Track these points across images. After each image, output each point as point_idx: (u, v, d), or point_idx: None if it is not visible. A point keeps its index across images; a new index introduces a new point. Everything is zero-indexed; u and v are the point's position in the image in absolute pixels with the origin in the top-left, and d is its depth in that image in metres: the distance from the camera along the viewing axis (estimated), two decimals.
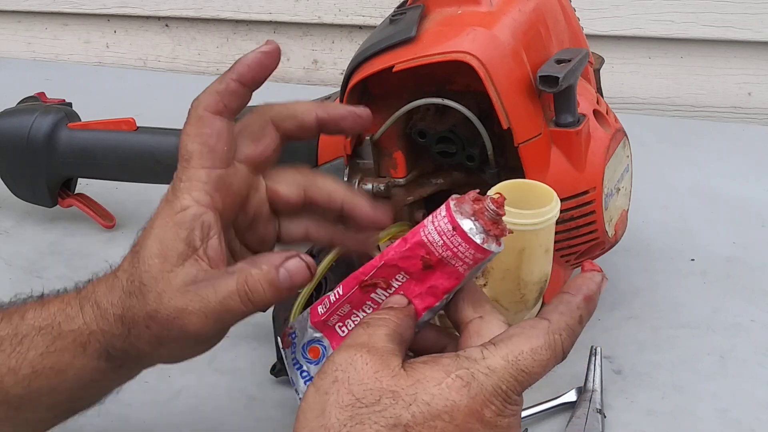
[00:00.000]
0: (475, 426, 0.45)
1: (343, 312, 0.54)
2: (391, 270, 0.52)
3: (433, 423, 0.45)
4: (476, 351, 0.47)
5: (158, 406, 0.73)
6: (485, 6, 0.71)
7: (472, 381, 0.45)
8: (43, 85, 1.16)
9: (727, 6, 1.23)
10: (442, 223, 0.50)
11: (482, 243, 0.49)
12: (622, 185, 0.76)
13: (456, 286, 0.51)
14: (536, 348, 0.47)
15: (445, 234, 0.50)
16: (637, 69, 1.31)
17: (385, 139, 0.75)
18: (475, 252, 0.49)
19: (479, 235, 0.49)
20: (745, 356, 0.76)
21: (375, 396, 0.45)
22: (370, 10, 1.39)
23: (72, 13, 1.57)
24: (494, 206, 0.49)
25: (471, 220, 0.49)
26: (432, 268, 0.51)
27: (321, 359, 0.55)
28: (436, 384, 0.45)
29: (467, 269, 0.50)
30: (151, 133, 0.92)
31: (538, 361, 0.47)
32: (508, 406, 0.46)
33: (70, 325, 0.55)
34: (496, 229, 0.50)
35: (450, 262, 0.50)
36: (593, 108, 0.73)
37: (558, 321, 0.48)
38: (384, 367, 0.46)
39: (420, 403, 0.45)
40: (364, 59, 0.71)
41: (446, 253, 0.50)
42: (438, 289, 0.51)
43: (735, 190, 1.03)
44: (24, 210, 1.02)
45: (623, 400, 0.71)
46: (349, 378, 0.46)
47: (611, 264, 0.86)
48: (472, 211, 0.50)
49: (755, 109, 1.28)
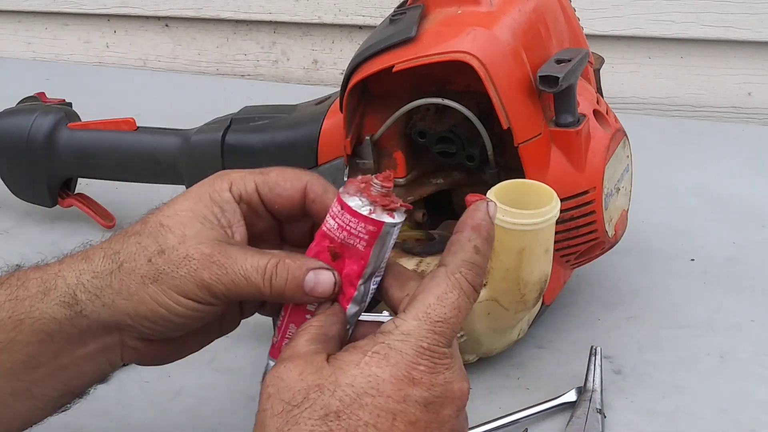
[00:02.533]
0: (409, 391, 0.46)
1: (291, 333, 0.54)
2: None
3: (361, 401, 0.45)
4: (389, 324, 0.47)
5: (158, 406, 0.73)
6: (485, 6, 0.71)
7: (389, 351, 0.46)
8: (43, 85, 1.16)
9: (727, 6, 1.23)
10: (334, 208, 0.52)
11: (369, 214, 0.51)
12: (622, 185, 0.76)
13: (364, 267, 0.52)
14: (441, 294, 0.47)
15: (337, 216, 0.52)
16: (637, 69, 1.31)
17: (385, 139, 0.75)
18: (366, 224, 0.51)
19: (365, 207, 0.51)
20: (745, 356, 0.76)
21: (303, 394, 0.46)
22: (370, 10, 1.39)
23: (72, 13, 1.57)
24: (379, 180, 0.51)
25: (356, 196, 0.52)
26: (340, 256, 0.52)
27: None
28: (355, 365, 0.46)
29: (367, 245, 0.51)
30: (151, 133, 0.92)
31: (448, 306, 0.47)
32: (438, 362, 0.46)
33: (36, 273, 0.54)
34: (384, 200, 0.51)
35: (349, 243, 0.52)
36: (593, 108, 0.73)
37: (453, 261, 0.49)
38: (307, 366, 0.47)
39: (343, 387, 0.46)
40: (364, 59, 0.71)
41: (343, 234, 0.52)
42: (351, 276, 0.52)
43: (735, 190, 1.03)
44: (24, 210, 1.02)
45: (623, 400, 0.71)
46: (278, 389, 0.47)
47: (611, 264, 0.86)
48: (357, 188, 0.52)
49: (755, 109, 1.28)
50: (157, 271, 0.51)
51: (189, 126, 0.90)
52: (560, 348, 0.77)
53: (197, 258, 0.51)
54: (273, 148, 0.83)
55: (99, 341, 0.54)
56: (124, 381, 0.74)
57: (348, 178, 0.53)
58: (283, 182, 0.56)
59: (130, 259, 0.52)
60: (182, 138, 0.88)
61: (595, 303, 0.83)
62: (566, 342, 0.78)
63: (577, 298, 0.83)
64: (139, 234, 0.53)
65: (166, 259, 0.51)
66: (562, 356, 0.76)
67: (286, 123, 0.83)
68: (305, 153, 0.80)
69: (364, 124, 0.76)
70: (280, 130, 0.83)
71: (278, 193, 0.55)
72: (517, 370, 0.74)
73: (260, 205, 0.56)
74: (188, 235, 0.52)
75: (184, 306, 0.52)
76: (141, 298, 0.52)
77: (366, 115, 0.76)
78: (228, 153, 0.85)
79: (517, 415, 0.68)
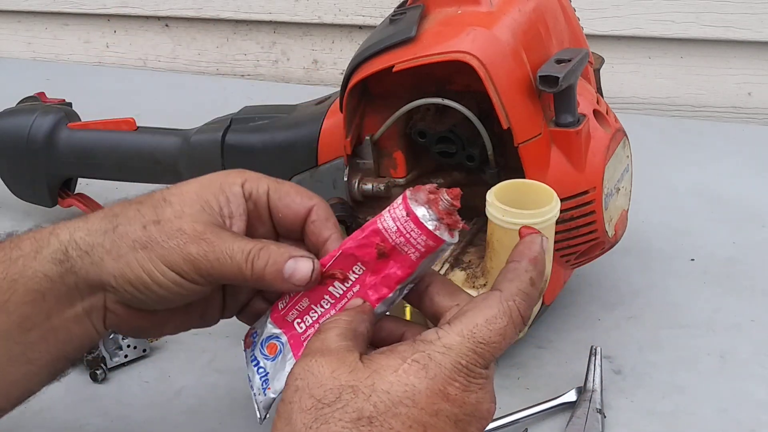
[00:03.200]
0: (442, 405, 0.46)
1: (302, 307, 0.55)
2: (348, 260, 0.54)
3: (396, 410, 0.45)
4: (431, 333, 0.47)
5: (158, 406, 0.73)
6: (485, 6, 0.71)
7: (429, 362, 0.46)
8: (43, 85, 1.16)
9: (727, 6, 1.23)
10: (397, 210, 0.52)
11: (434, 229, 0.51)
12: (622, 185, 0.76)
13: (409, 275, 0.52)
14: (491, 318, 0.47)
15: (399, 220, 0.51)
16: (637, 69, 1.31)
17: (385, 139, 0.75)
18: (426, 238, 0.51)
19: (432, 221, 0.51)
20: (745, 356, 0.76)
21: (335, 394, 0.46)
22: (370, 10, 1.39)
23: (72, 13, 1.57)
24: (449, 197, 0.51)
25: (425, 207, 0.51)
26: (386, 257, 0.52)
27: (278, 356, 0.56)
28: (393, 371, 0.46)
29: (420, 257, 0.52)
30: (151, 133, 0.92)
31: (494, 331, 0.47)
32: (473, 381, 0.46)
33: (30, 234, 0.55)
34: (449, 219, 0.51)
35: (403, 249, 0.52)
36: (593, 108, 0.73)
37: (509, 288, 0.49)
38: (340, 364, 0.47)
39: (379, 393, 0.45)
40: (364, 59, 0.71)
41: (399, 239, 0.52)
42: (392, 279, 0.53)
43: (735, 190, 1.03)
44: (24, 210, 1.02)
45: (623, 400, 0.71)
46: (308, 383, 0.46)
47: (611, 264, 0.86)
48: (426, 199, 0.51)
49: (755, 109, 1.28)
50: (149, 238, 0.53)
51: (189, 126, 0.90)
52: (560, 348, 0.77)
53: (189, 233, 0.53)
54: (273, 148, 0.83)
55: (85, 302, 0.55)
56: (124, 381, 0.74)
57: (414, 186, 0.53)
58: (294, 195, 0.57)
59: (126, 222, 0.54)
60: (182, 138, 0.88)
61: (595, 303, 0.83)
62: (566, 342, 0.78)
63: (577, 298, 0.83)
64: (141, 203, 0.55)
65: (160, 229, 0.53)
66: (562, 356, 0.76)
67: (286, 123, 0.83)
68: (305, 153, 0.80)
69: (364, 124, 0.76)
70: (280, 130, 0.83)
71: (287, 204, 0.57)
72: (517, 370, 0.75)
73: (266, 210, 0.57)
74: (186, 213, 0.54)
75: (167, 278, 0.53)
76: (128, 261, 0.53)
77: (366, 115, 0.76)
78: (228, 153, 0.85)
79: (517, 415, 0.68)
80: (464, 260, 0.72)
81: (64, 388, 0.74)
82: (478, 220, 0.77)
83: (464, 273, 0.71)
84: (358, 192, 0.76)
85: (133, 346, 0.76)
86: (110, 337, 0.75)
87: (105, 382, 0.74)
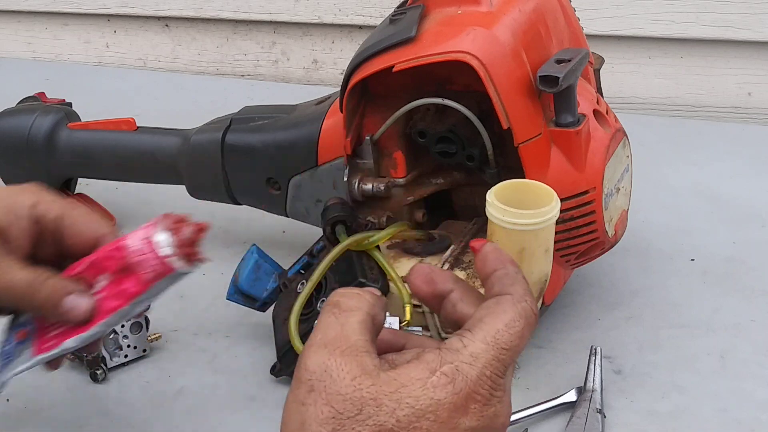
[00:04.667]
0: (462, 420, 0.45)
1: None
2: (97, 268, 0.58)
3: (417, 423, 0.44)
4: (455, 341, 0.46)
5: (158, 406, 0.73)
6: (485, 6, 0.71)
7: (456, 375, 0.45)
8: (43, 85, 1.16)
9: (727, 6, 1.23)
10: (144, 231, 0.56)
11: (168, 256, 0.55)
12: (622, 185, 0.76)
13: (141, 293, 0.56)
14: (509, 322, 0.47)
15: (142, 241, 0.56)
16: (637, 69, 1.31)
17: (385, 139, 0.75)
18: (160, 263, 0.55)
19: (167, 248, 0.55)
20: (745, 356, 0.76)
21: (356, 407, 0.44)
22: (370, 10, 1.39)
23: (72, 13, 1.57)
24: (192, 229, 0.55)
25: (167, 234, 0.55)
26: (126, 272, 0.56)
27: (27, 340, 0.59)
28: (422, 385, 0.45)
29: (153, 279, 0.55)
30: (151, 133, 0.92)
31: (515, 334, 0.47)
32: (493, 393, 0.46)
33: None
34: (188, 249, 0.55)
35: (139, 268, 0.56)
36: (593, 108, 0.73)
37: (516, 291, 0.49)
38: (361, 371, 0.45)
39: (404, 407, 0.44)
40: (364, 59, 0.71)
41: (138, 259, 0.55)
42: (127, 293, 0.56)
43: (735, 190, 1.03)
44: None
45: (623, 400, 0.71)
46: (325, 387, 0.44)
47: (611, 264, 0.86)
48: (170, 227, 0.55)
49: (755, 109, 1.28)
50: None
51: (189, 126, 0.90)
52: (560, 348, 0.77)
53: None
54: (273, 148, 0.83)
55: None
56: (124, 381, 0.74)
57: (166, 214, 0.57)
58: (86, 222, 0.60)
59: None
60: (182, 138, 0.88)
61: (595, 303, 0.83)
62: (566, 342, 0.78)
63: (577, 298, 0.83)
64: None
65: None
66: (562, 356, 0.76)
67: (286, 123, 0.83)
68: (305, 153, 0.80)
69: (364, 124, 0.76)
70: (280, 130, 0.83)
71: (78, 231, 0.59)
72: (517, 370, 0.74)
73: (54, 234, 0.59)
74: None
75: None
76: None
77: (366, 115, 0.76)
78: (228, 153, 0.85)
79: (517, 415, 0.68)
80: (464, 260, 0.73)
81: (64, 388, 0.74)
82: (478, 220, 0.77)
83: (464, 273, 0.71)
84: (358, 192, 0.76)
85: (133, 346, 0.76)
86: (110, 337, 0.75)
87: (105, 382, 0.74)
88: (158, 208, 0.99)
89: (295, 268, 0.76)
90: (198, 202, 0.91)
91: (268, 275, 0.76)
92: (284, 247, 0.85)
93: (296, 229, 0.89)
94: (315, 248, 0.76)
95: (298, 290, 0.72)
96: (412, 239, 0.74)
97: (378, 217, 0.76)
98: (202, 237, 0.56)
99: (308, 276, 0.71)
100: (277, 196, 0.84)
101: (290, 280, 0.75)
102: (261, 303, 0.77)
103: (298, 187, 0.82)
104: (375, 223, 0.75)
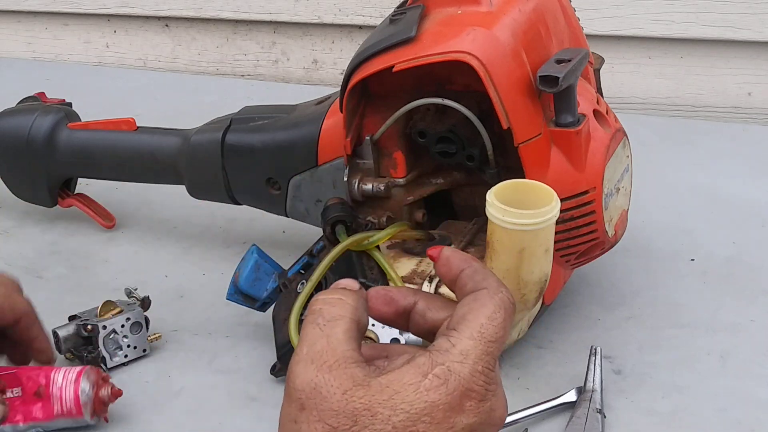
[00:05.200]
0: (458, 419, 0.45)
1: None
2: (16, 379, 0.66)
3: (414, 428, 0.44)
4: (444, 341, 0.46)
5: (158, 406, 0.73)
6: (485, 6, 0.71)
7: (449, 376, 0.45)
8: (43, 85, 1.16)
9: (727, 6, 1.23)
10: (73, 373, 0.66)
11: (82, 403, 0.66)
12: (622, 185, 0.76)
13: (42, 420, 0.66)
14: (491, 314, 0.47)
15: (67, 379, 0.66)
16: (637, 69, 1.30)
17: (385, 139, 0.75)
18: (73, 406, 0.66)
19: (85, 396, 0.66)
20: (745, 356, 0.76)
21: (351, 419, 0.44)
22: (370, 10, 1.39)
23: (72, 13, 1.57)
24: (110, 391, 0.67)
25: (90, 384, 0.66)
26: (40, 397, 0.66)
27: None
28: (415, 390, 0.44)
29: (60, 415, 0.66)
30: (151, 133, 0.92)
31: (498, 325, 0.47)
32: (488, 388, 0.46)
33: None
34: (99, 406, 0.67)
35: (53, 400, 0.66)
36: (593, 108, 0.73)
37: (490, 284, 0.48)
38: (352, 384, 0.44)
39: (399, 413, 0.44)
40: (364, 59, 0.71)
41: (56, 392, 0.66)
42: (30, 414, 0.66)
43: (735, 190, 1.03)
44: (24, 210, 1.02)
45: (623, 400, 0.71)
46: (316, 405, 0.44)
47: (611, 264, 0.86)
48: (95, 381, 0.67)
49: (755, 109, 1.28)
50: None
51: (189, 126, 0.90)
52: (560, 348, 0.77)
53: None
54: (273, 148, 0.83)
55: None
56: (124, 381, 0.74)
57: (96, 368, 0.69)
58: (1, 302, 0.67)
59: None
60: (182, 138, 0.88)
61: (595, 303, 0.83)
62: (566, 342, 0.78)
63: (577, 298, 0.83)
64: None
65: None
66: (562, 356, 0.76)
67: (286, 123, 0.83)
68: (305, 153, 0.80)
69: (364, 124, 0.76)
70: (280, 130, 0.83)
71: None
72: (517, 370, 0.74)
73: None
74: None
75: None
76: None
77: (366, 115, 0.76)
78: (228, 153, 0.85)
79: (517, 415, 0.68)
80: None
81: None
82: (478, 220, 0.77)
83: None
84: (358, 192, 0.76)
85: (133, 346, 0.76)
86: (110, 337, 0.75)
87: None
88: (158, 208, 1.00)
89: (295, 268, 0.76)
90: (198, 202, 0.91)
91: (268, 275, 0.76)
92: (284, 247, 0.85)
93: (296, 229, 0.89)
94: (315, 248, 0.76)
95: (298, 290, 0.72)
96: (412, 239, 0.74)
97: (378, 217, 0.76)
98: (113, 401, 0.67)
99: (308, 276, 0.71)
100: (277, 196, 0.84)
101: (290, 280, 0.75)
102: (261, 303, 0.77)
103: (298, 187, 0.82)
104: (375, 223, 0.75)
